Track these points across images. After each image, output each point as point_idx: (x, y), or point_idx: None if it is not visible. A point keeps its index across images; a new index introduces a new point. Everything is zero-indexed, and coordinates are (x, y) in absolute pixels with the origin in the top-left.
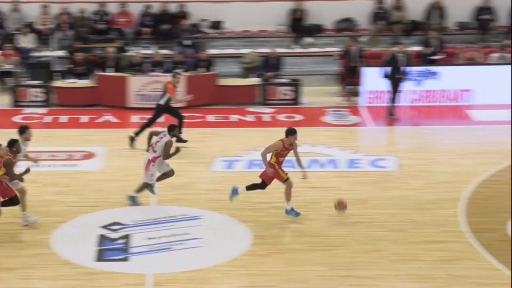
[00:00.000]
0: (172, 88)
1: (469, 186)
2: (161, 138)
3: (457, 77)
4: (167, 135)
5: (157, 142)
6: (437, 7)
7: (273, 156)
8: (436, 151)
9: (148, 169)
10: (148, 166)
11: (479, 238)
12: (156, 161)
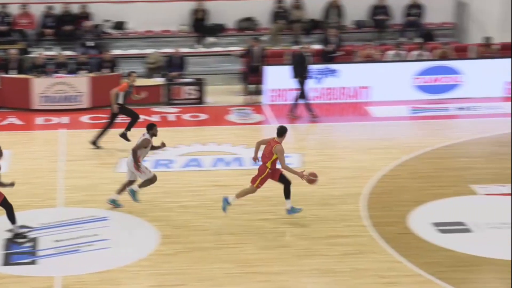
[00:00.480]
0: (124, 87)
1: (370, 181)
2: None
3: (355, 74)
4: (146, 134)
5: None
6: (335, 5)
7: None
8: (337, 147)
9: (138, 169)
10: (135, 167)
11: (380, 232)
12: (139, 160)
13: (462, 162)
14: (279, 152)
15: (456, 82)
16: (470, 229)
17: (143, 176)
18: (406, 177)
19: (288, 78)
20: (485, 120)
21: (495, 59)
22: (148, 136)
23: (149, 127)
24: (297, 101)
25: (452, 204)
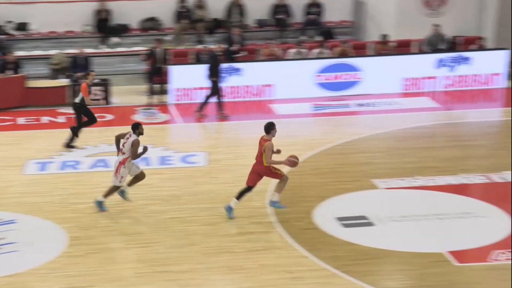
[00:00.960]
0: (85, 87)
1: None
2: (127, 139)
3: (259, 73)
4: (133, 135)
5: (124, 143)
6: (237, 4)
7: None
8: (243, 145)
9: (118, 172)
10: (118, 168)
11: (286, 228)
12: (126, 163)
13: (363, 157)
14: (267, 149)
15: (355, 79)
16: (372, 223)
17: (116, 182)
18: (310, 173)
19: (193, 77)
20: (384, 116)
21: (392, 56)
22: (135, 136)
23: (135, 127)
24: (207, 101)
25: (354, 198)
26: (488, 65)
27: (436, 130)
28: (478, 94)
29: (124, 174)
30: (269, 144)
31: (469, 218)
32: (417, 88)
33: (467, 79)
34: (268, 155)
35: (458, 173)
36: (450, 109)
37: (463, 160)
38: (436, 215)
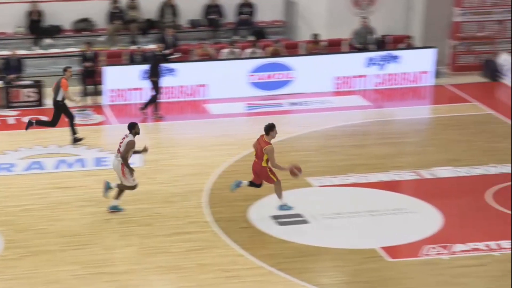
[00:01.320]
0: (66, 83)
1: (210, 178)
2: (123, 139)
3: (193, 73)
4: (129, 135)
5: (121, 143)
6: (169, 5)
7: (265, 159)
8: (178, 145)
9: (124, 174)
10: (122, 169)
11: (222, 227)
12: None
13: (297, 155)
14: (270, 152)
15: (288, 78)
16: (307, 220)
17: (126, 182)
18: (245, 172)
19: (127, 78)
20: (317, 115)
21: (323, 55)
22: (131, 136)
23: (131, 126)
24: (156, 101)
25: (289, 196)
26: (416, 63)
27: (367, 128)
28: (407, 92)
29: (128, 173)
30: (270, 148)
31: (400, 214)
32: (348, 87)
33: (396, 77)
34: (273, 158)
35: (390, 170)
36: (380, 107)
37: (394, 157)
38: (369, 212)
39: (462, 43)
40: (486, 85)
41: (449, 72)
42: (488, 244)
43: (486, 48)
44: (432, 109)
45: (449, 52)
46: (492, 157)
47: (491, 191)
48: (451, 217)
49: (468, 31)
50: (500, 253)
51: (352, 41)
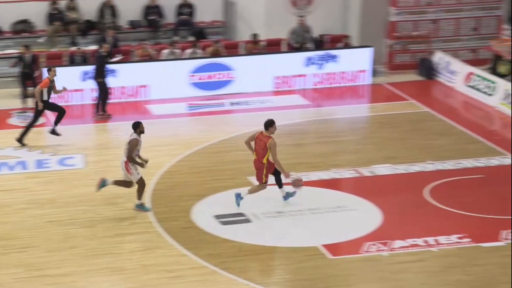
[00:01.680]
0: (46, 82)
1: (153, 178)
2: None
3: (134, 74)
4: (133, 134)
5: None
6: (109, 5)
7: (266, 156)
8: (120, 146)
9: (128, 170)
10: (126, 167)
11: (165, 227)
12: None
13: (238, 155)
14: (273, 146)
15: (228, 78)
16: (250, 219)
17: (134, 178)
18: (187, 172)
19: (67, 79)
20: (257, 114)
21: (263, 55)
22: (136, 135)
23: (136, 126)
24: (106, 101)
25: (231, 196)
26: (354, 62)
27: (307, 127)
28: (345, 91)
29: (134, 168)
30: (274, 141)
31: (341, 212)
32: (288, 86)
33: (334, 77)
34: (275, 153)
35: (330, 168)
36: (319, 106)
37: (333, 156)
38: (310, 210)
39: (398, 42)
40: (422, 83)
41: (386, 71)
42: (427, 240)
43: (421, 47)
44: (370, 108)
45: (385, 51)
46: (429, 154)
47: (429, 188)
48: (391, 214)
49: (403, 30)
50: (438, 248)
51: (289, 41)
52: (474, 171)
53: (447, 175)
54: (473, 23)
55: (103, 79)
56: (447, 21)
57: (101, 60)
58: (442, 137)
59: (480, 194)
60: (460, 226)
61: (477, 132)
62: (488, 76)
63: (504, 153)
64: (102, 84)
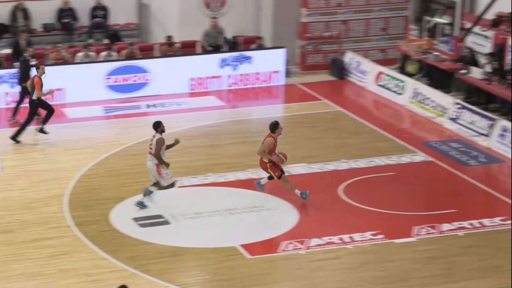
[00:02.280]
0: (38, 81)
1: (71, 182)
2: (152, 140)
3: (48, 77)
4: (156, 134)
5: (150, 145)
6: (21, 9)
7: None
8: (36, 150)
9: (160, 173)
10: (158, 170)
11: (84, 231)
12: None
13: None
14: (265, 143)
15: (144, 80)
16: (168, 221)
17: (164, 182)
18: (105, 175)
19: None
20: (174, 116)
21: (178, 57)
22: (158, 135)
23: (157, 125)
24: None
25: (150, 198)
26: (268, 63)
27: (224, 127)
28: (260, 92)
29: (166, 171)
30: (270, 140)
31: (258, 212)
32: (203, 88)
33: (249, 77)
34: (263, 147)
35: (247, 169)
36: (235, 107)
37: (250, 156)
38: (228, 210)
39: (310, 43)
40: (334, 83)
41: (299, 72)
42: (342, 238)
43: (332, 48)
44: (285, 108)
45: (298, 52)
46: (342, 153)
47: (343, 186)
48: (307, 212)
49: (315, 31)
50: (353, 245)
51: (203, 43)
52: (385, 169)
53: (360, 173)
54: (382, 24)
55: None
56: (357, 22)
57: (26, 64)
58: (354, 136)
59: (392, 191)
60: (373, 223)
61: (388, 130)
62: (397, 76)
63: (414, 150)
64: (26, 89)
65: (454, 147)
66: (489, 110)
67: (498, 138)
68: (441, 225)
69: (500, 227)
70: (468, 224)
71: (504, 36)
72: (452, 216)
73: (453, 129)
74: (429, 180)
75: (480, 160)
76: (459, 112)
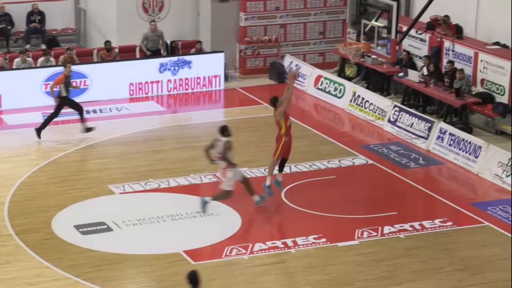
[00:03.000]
0: (62, 79)
1: (11, 190)
2: (217, 144)
3: None
4: (223, 138)
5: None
6: None
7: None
8: None
9: (225, 176)
10: (224, 172)
11: (24, 240)
12: (230, 167)
13: (97, 163)
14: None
15: (83, 86)
16: (111, 228)
17: (225, 186)
18: (46, 182)
19: None
20: (114, 122)
21: (117, 62)
22: (225, 138)
23: (224, 130)
24: None
25: (91, 205)
26: (207, 67)
27: (165, 133)
28: (200, 96)
29: (231, 177)
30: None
31: (201, 217)
32: (143, 93)
33: (189, 82)
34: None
35: (189, 174)
36: (175, 112)
37: (192, 161)
38: (170, 216)
39: (249, 47)
40: (274, 87)
41: (239, 76)
42: (285, 242)
43: (271, 51)
44: (225, 112)
45: (237, 56)
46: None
47: (284, 190)
48: (249, 217)
49: (254, 35)
50: (296, 249)
51: (142, 46)
52: (326, 172)
53: (302, 177)
54: (320, 27)
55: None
56: (295, 26)
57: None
58: (295, 140)
59: (333, 195)
60: (316, 227)
61: (328, 134)
62: (336, 79)
63: (354, 153)
64: None
65: (393, 149)
66: (427, 112)
67: (436, 140)
68: (382, 227)
69: (440, 228)
70: (409, 226)
71: (440, 39)
72: (393, 219)
73: (392, 132)
74: (370, 183)
75: (419, 162)
76: (397, 115)
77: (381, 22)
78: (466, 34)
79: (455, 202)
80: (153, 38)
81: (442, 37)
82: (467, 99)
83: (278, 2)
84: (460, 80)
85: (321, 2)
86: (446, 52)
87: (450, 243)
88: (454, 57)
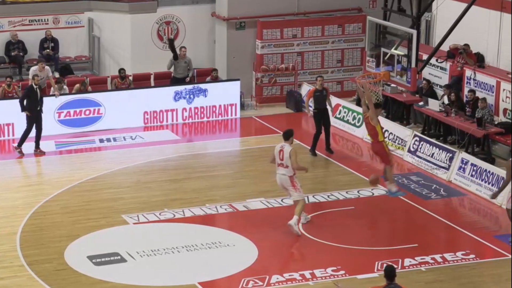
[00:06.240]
0: None
1: (23, 220)
2: (281, 151)
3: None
4: (285, 144)
5: (280, 158)
6: None
7: (380, 133)
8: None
9: (294, 186)
10: (292, 182)
11: (36, 270)
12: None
13: (111, 193)
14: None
15: (97, 114)
16: (125, 259)
17: (296, 196)
18: (58, 212)
19: None
20: (128, 150)
21: (132, 90)
22: (288, 145)
23: (290, 134)
24: None
25: (105, 235)
26: (223, 96)
27: (180, 162)
28: (216, 125)
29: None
30: (371, 116)
31: (217, 248)
32: (158, 121)
33: (204, 110)
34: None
35: (204, 204)
36: (190, 140)
37: (208, 191)
38: (185, 247)
39: (266, 75)
40: (291, 115)
41: (255, 104)
42: (303, 274)
43: (288, 80)
44: (241, 141)
45: (253, 84)
46: (302, 187)
47: (302, 221)
48: (266, 248)
49: (270, 63)
50: (314, 282)
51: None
52: (345, 203)
53: (320, 208)
54: (338, 55)
55: None
56: (313, 54)
57: None
58: (313, 169)
59: (352, 226)
60: (334, 259)
61: (347, 164)
62: (354, 108)
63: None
64: None
65: (414, 180)
66: (448, 142)
67: (458, 171)
68: (403, 260)
69: (462, 261)
70: (430, 258)
71: (460, 68)
72: (414, 251)
73: (412, 162)
74: (389, 214)
75: (440, 193)
76: (418, 144)
77: (401, 50)
78: (487, 63)
79: (478, 234)
80: (181, 65)
81: (463, 66)
82: (489, 129)
83: (296, 30)
84: (482, 109)
85: (339, 30)
86: (468, 81)
87: (473, 276)
88: (475, 86)
